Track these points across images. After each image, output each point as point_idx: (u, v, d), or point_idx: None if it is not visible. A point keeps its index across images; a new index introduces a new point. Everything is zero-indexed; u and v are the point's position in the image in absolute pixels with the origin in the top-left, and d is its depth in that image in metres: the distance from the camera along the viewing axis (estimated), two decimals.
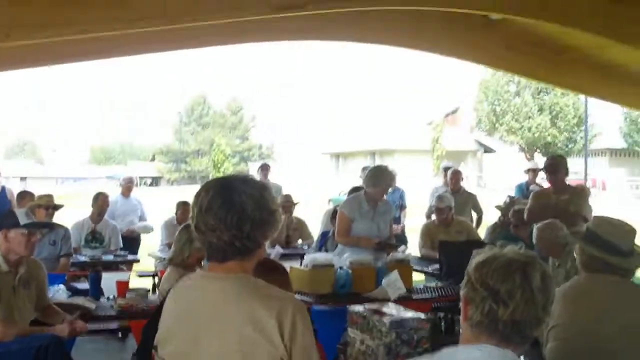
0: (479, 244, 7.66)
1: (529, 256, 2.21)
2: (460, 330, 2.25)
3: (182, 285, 2.67)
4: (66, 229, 8.75)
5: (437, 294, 6.70)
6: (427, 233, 9.20)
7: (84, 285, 7.46)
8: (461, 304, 2.21)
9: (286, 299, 2.51)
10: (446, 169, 11.96)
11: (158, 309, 2.70)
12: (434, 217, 9.37)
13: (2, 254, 5.37)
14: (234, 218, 2.46)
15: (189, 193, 3.00)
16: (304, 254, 8.51)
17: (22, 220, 5.47)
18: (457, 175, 11.19)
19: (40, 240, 7.16)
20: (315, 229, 11.10)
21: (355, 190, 8.48)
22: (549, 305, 2.17)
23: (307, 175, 51.47)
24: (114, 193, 12.10)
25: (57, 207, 8.74)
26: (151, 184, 64.97)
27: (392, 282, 6.27)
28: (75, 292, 6.97)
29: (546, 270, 2.19)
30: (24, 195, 9.99)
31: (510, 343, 2.13)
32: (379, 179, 7.36)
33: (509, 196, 9.24)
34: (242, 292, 2.48)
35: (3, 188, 11.21)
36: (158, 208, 18.36)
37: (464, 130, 56.12)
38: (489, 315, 2.11)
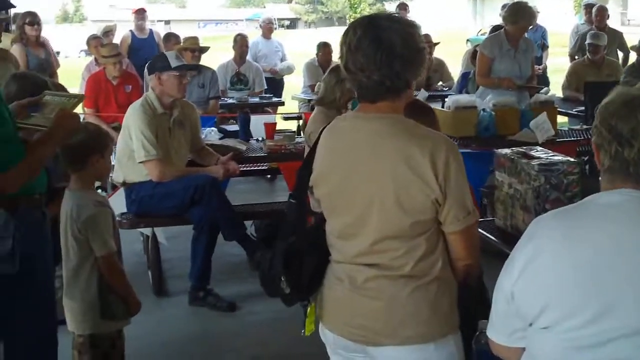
0: None
1: None
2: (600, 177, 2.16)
3: (335, 126, 2.64)
4: (213, 71, 8.83)
5: (582, 136, 6.49)
6: (575, 73, 8.86)
7: (233, 127, 7.70)
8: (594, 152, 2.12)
9: (439, 139, 2.48)
10: (588, 6, 11.38)
11: (311, 151, 2.74)
12: (577, 57, 9.03)
13: (156, 96, 5.58)
14: (383, 56, 2.40)
15: (327, 34, 2.98)
16: (446, 96, 8.44)
17: (173, 62, 5.59)
18: (602, 12, 10.56)
19: (190, 82, 7.44)
20: (454, 71, 10.95)
21: (496, 29, 8.24)
22: None
23: (444, 15, 50.04)
24: (254, 35, 12.18)
25: (203, 50, 8.81)
26: (289, 26, 64.92)
27: (541, 125, 6.08)
28: (225, 134, 7.20)
29: None
30: (170, 38, 10.18)
31: None
32: (518, 15, 7.09)
33: None
34: (395, 131, 2.46)
35: (150, 31, 11.50)
36: (297, 50, 18.46)
37: None
38: (617, 158, 2.00)
